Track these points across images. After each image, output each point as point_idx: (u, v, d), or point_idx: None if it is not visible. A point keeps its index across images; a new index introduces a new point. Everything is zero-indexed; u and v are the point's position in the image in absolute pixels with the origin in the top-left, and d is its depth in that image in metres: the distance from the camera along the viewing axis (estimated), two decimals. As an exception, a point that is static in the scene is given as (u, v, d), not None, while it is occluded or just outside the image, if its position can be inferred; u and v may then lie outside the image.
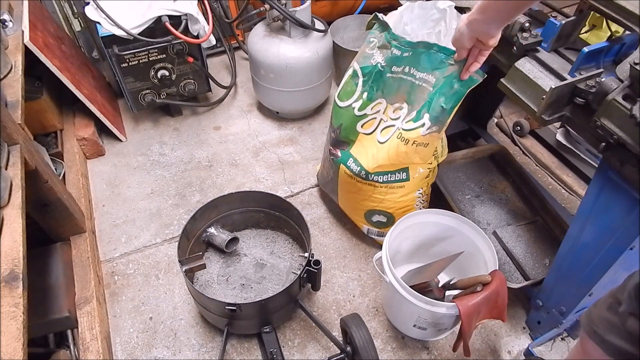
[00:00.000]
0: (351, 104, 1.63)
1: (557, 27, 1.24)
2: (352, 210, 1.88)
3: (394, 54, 1.51)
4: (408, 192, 1.69)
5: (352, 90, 1.62)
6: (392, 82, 1.56)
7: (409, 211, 1.71)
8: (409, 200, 1.71)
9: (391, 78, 1.55)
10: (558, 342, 1.49)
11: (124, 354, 1.64)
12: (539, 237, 1.75)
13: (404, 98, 1.56)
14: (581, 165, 2.15)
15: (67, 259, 1.69)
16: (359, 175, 1.67)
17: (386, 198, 1.70)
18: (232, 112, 2.60)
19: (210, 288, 1.74)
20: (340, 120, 1.69)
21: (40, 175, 1.49)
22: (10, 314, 0.97)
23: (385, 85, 1.57)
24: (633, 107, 1.00)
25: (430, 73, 1.48)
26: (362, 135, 1.66)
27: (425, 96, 1.50)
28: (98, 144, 2.30)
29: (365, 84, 1.59)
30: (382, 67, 1.54)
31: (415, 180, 1.66)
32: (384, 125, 1.61)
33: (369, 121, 1.63)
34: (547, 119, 1.23)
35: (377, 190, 1.68)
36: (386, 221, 1.79)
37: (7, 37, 1.74)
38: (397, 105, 1.58)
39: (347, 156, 1.69)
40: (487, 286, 1.38)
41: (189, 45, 2.19)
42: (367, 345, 1.40)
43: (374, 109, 1.61)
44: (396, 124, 1.58)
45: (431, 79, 1.48)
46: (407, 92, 1.55)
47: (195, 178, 2.24)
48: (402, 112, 1.57)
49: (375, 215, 1.78)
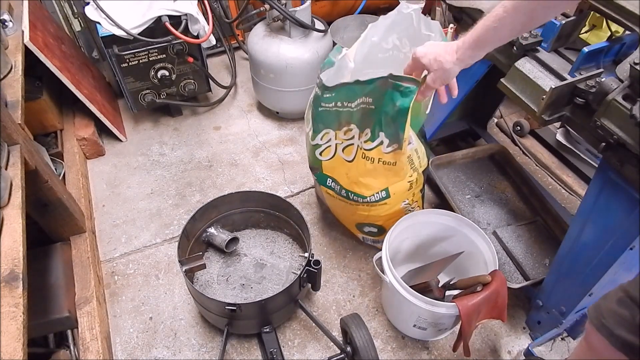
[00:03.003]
0: (308, 132, 1.63)
1: (557, 27, 1.24)
2: (344, 221, 1.91)
3: (316, 93, 1.47)
4: (392, 207, 1.66)
5: (308, 119, 1.61)
6: (328, 115, 1.50)
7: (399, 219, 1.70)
8: (395, 213, 1.68)
9: (324, 111, 1.50)
10: (558, 342, 1.49)
11: (124, 354, 1.64)
12: (539, 237, 1.75)
13: (348, 122, 1.52)
14: (581, 165, 2.15)
15: (67, 259, 1.69)
16: (339, 194, 1.67)
17: (371, 214, 1.69)
18: (232, 112, 2.60)
19: (210, 288, 1.74)
20: (306, 147, 1.71)
21: (40, 175, 1.49)
22: (10, 314, 0.97)
23: (323, 118, 1.52)
24: (633, 107, 1.00)
25: (364, 96, 1.42)
26: (325, 162, 1.65)
27: (371, 116, 1.45)
28: (98, 144, 2.30)
29: (311, 113, 1.56)
30: (314, 101, 1.50)
31: (397, 196, 1.63)
32: (342, 147, 1.59)
33: (325, 150, 1.62)
34: (547, 119, 1.23)
35: (360, 208, 1.67)
36: (377, 231, 1.79)
37: (7, 37, 1.74)
38: (346, 129, 1.54)
39: (323, 177, 1.69)
40: (487, 286, 1.38)
41: (189, 45, 2.19)
42: (367, 345, 1.40)
43: (324, 139, 1.59)
44: (354, 142, 1.55)
45: (368, 100, 1.42)
46: (349, 118, 1.50)
47: (195, 178, 2.24)
48: (353, 132, 1.53)
49: (365, 226, 1.79)
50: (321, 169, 1.69)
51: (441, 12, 2.39)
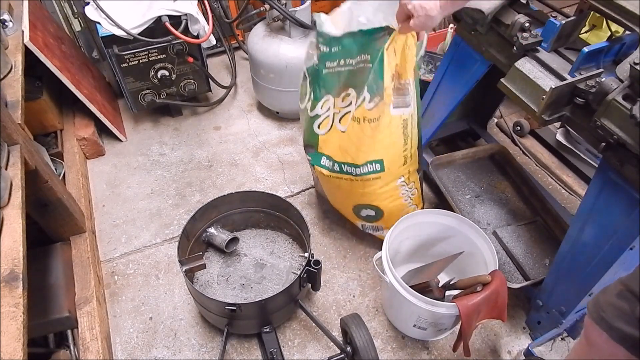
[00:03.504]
0: (305, 105, 1.66)
1: (557, 27, 1.24)
2: (342, 208, 1.88)
3: (323, 51, 1.51)
4: (387, 182, 1.64)
5: (305, 92, 1.64)
6: (330, 78, 1.56)
7: (396, 202, 1.69)
8: (391, 190, 1.66)
9: (328, 74, 1.55)
10: (558, 342, 1.49)
11: (124, 354, 1.64)
12: (539, 237, 1.75)
13: (348, 85, 1.55)
14: (581, 165, 2.15)
15: (67, 259, 1.69)
16: (332, 170, 1.66)
17: (366, 191, 1.66)
18: (232, 112, 2.60)
19: (210, 288, 1.74)
20: (302, 122, 1.72)
21: (40, 175, 1.48)
22: (10, 314, 0.97)
23: (325, 82, 1.57)
24: (633, 107, 1.00)
25: (363, 54, 1.47)
26: (322, 136, 1.66)
27: (367, 74, 1.48)
28: (98, 144, 2.30)
29: (311, 84, 1.61)
30: (316, 66, 1.55)
31: (391, 171, 1.61)
32: (339, 116, 1.61)
33: (323, 121, 1.64)
34: (547, 119, 1.23)
35: (354, 184, 1.65)
36: (375, 215, 1.75)
37: (7, 37, 1.74)
38: (344, 94, 1.58)
39: (318, 156, 1.69)
40: (487, 286, 1.38)
41: (189, 45, 2.19)
42: (367, 345, 1.40)
43: (324, 108, 1.62)
44: (350, 108, 1.57)
45: (366, 57, 1.47)
46: (348, 79, 1.54)
47: (195, 178, 2.24)
48: (350, 97, 1.56)
49: (362, 209, 1.75)
50: (317, 146, 1.68)
51: (441, 12, 2.39)
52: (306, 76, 1.61)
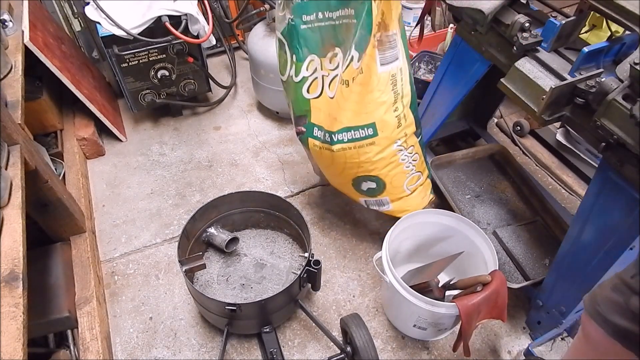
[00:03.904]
0: (289, 73, 1.56)
1: (557, 27, 1.24)
2: (342, 186, 1.77)
3: (296, 2, 1.41)
4: (383, 148, 1.55)
5: (285, 60, 1.55)
6: (311, 34, 1.47)
7: (397, 170, 1.62)
8: (389, 157, 1.58)
9: (308, 30, 1.46)
10: (558, 342, 1.49)
11: (124, 354, 1.64)
12: (539, 237, 1.75)
13: (333, 44, 1.47)
14: (581, 165, 2.15)
15: (67, 259, 1.69)
16: (324, 141, 1.58)
17: (362, 160, 1.57)
18: (232, 112, 2.60)
19: (210, 288, 1.74)
20: (289, 96, 1.63)
21: (40, 175, 1.49)
22: (10, 314, 0.97)
23: (306, 39, 1.47)
24: (633, 107, 1.00)
25: (346, 7, 1.38)
26: (313, 100, 1.56)
27: (352, 32, 1.39)
28: (98, 144, 2.30)
29: (290, 46, 1.51)
30: (292, 21, 1.45)
31: (385, 135, 1.52)
32: (328, 80, 1.53)
33: (312, 84, 1.54)
34: (547, 119, 1.23)
35: (348, 154, 1.56)
36: (376, 186, 1.67)
37: (7, 37, 1.74)
38: (331, 55, 1.48)
39: (310, 127, 1.61)
40: (487, 286, 1.38)
41: (189, 45, 2.19)
42: (367, 345, 1.40)
43: (310, 69, 1.52)
44: (337, 71, 1.49)
45: (349, 11, 1.38)
46: (332, 37, 1.45)
47: (195, 178, 2.24)
48: (338, 58, 1.48)
49: (362, 183, 1.66)
50: (310, 115, 1.59)
51: (441, 12, 2.40)
52: (283, 42, 1.52)
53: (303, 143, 1.69)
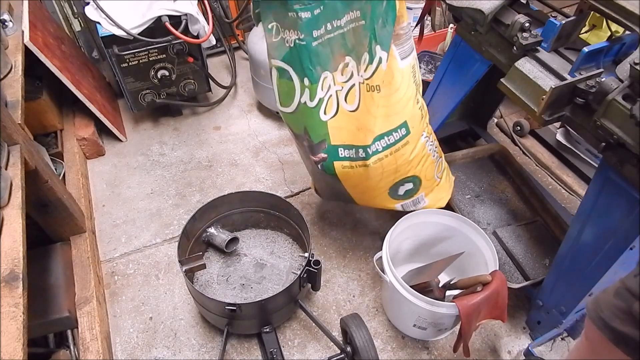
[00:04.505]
0: (299, 101, 1.42)
1: (557, 27, 1.24)
2: (374, 199, 1.65)
3: (305, 19, 1.27)
4: (415, 144, 1.49)
5: (290, 88, 1.41)
6: (322, 49, 1.35)
7: (427, 161, 1.56)
8: (420, 151, 1.52)
9: (319, 45, 1.34)
10: (558, 342, 1.49)
11: (124, 354, 1.64)
12: (539, 237, 1.75)
13: (343, 54, 1.37)
14: (581, 165, 2.15)
15: (67, 259, 1.69)
16: (358, 159, 1.47)
17: (399, 164, 1.49)
18: (232, 112, 2.60)
19: (210, 288, 1.74)
20: (301, 125, 1.48)
21: (40, 175, 1.49)
22: (10, 314, 0.97)
23: (319, 56, 1.35)
24: (633, 107, 1.00)
25: (351, 11, 1.30)
26: (330, 121, 1.45)
27: (363, 34, 1.33)
28: (98, 144, 2.30)
29: (298, 70, 1.37)
30: (302, 41, 1.31)
31: (415, 129, 1.46)
32: (343, 94, 1.42)
33: (327, 103, 1.43)
34: (547, 119, 1.23)
35: (385, 162, 1.47)
36: (414, 186, 1.60)
37: (7, 37, 1.74)
38: (342, 66, 1.38)
39: (333, 150, 1.48)
40: (487, 286, 1.38)
41: (189, 45, 2.19)
42: (367, 345, 1.40)
43: (324, 88, 1.40)
44: (353, 81, 1.40)
45: (356, 14, 1.30)
46: (342, 46, 1.35)
47: (195, 178, 2.24)
48: (350, 67, 1.38)
49: (399, 187, 1.58)
50: (329, 137, 1.46)
51: (441, 12, 2.40)
52: (284, 69, 1.38)
53: (327, 171, 1.53)
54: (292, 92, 1.42)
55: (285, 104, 1.46)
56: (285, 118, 1.53)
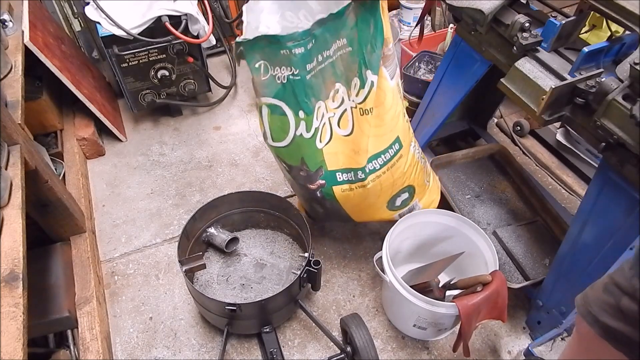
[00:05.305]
0: (295, 134, 1.42)
1: (557, 27, 1.24)
2: (375, 216, 1.68)
3: (299, 54, 1.28)
4: (406, 156, 1.53)
5: (284, 123, 1.40)
6: (315, 80, 1.36)
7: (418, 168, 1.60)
8: (411, 161, 1.56)
9: (312, 77, 1.35)
10: (558, 342, 1.49)
11: (124, 354, 1.64)
12: (539, 237, 1.75)
13: (333, 81, 1.39)
14: (581, 165, 2.14)
15: (67, 259, 1.69)
16: (356, 180, 1.51)
17: (396, 178, 1.53)
18: (232, 112, 2.60)
19: (210, 288, 1.74)
20: (297, 156, 1.48)
21: (40, 175, 1.49)
22: (10, 314, 0.97)
23: (313, 88, 1.37)
24: (633, 107, 1.00)
25: (338, 39, 1.32)
26: (325, 148, 1.48)
27: (351, 60, 1.35)
28: (98, 144, 2.30)
29: (292, 104, 1.37)
30: (296, 76, 1.31)
31: (406, 140, 1.50)
32: (335, 120, 1.45)
33: (322, 132, 1.46)
34: (547, 119, 1.23)
35: (383, 179, 1.51)
36: (409, 195, 1.64)
37: (7, 37, 1.74)
38: (332, 93, 1.41)
39: (331, 175, 1.51)
40: (487, 286, 1.38)
41: (189, 45, 2.19)
42: (367, 345, 1.40)
43: (319, 117, 1.43)
44: (344, 106, 1.43)
45: (343, 41, 1.33)
46: (332, 74, 1.38)
47: (195, 178, 2.24)
48: (340, 93, 1.41)
49: (397, 198, 1.62)
50: (325, 164, 1.49)
51: (441, 12, 2.39)
52: (277, 105, 1.37)
53: (327, 197, 1.55)
54: (287, 127, 1.41)
55: (279, 139, 1.46)
56: (277, 152, 1.52)
